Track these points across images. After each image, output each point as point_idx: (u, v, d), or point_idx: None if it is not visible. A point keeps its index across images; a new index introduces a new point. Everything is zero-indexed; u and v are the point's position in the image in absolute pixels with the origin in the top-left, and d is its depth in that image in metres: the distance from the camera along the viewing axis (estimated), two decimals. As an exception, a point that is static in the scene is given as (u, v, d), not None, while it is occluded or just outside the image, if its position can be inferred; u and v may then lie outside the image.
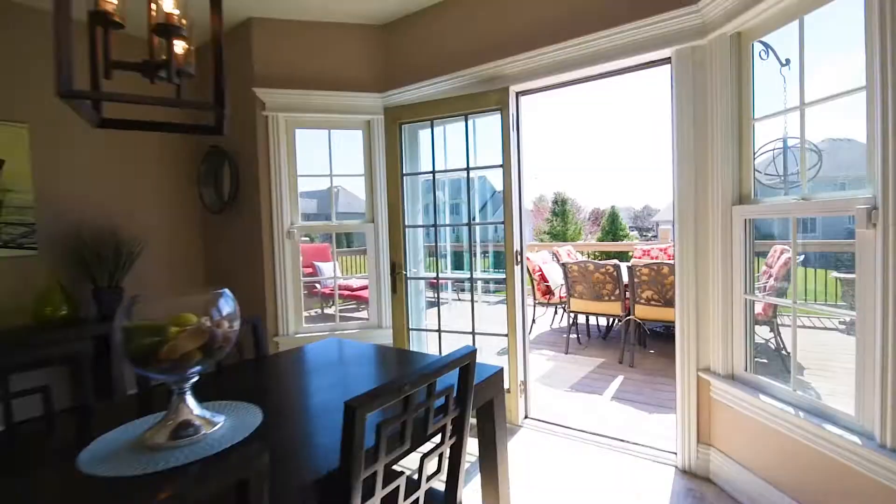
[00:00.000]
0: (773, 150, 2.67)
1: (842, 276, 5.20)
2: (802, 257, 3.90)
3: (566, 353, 5.13)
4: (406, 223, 3.52)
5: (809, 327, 5.32)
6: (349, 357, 2.32)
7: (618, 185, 79.25)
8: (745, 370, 2.47)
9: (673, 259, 6.65)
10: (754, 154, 2.43)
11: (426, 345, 3.76)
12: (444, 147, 3.58)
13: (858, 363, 1.87)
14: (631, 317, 4.72)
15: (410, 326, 3.55)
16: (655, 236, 31.98)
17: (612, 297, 4.82)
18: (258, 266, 3.84)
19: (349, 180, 4.00)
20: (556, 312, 6.60)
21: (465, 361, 1.53)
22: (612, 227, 25.40)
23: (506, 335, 3.24)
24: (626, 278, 4.73)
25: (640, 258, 6.81)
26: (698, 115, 2.59)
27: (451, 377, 1.46)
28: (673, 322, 4.68)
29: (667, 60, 2.72)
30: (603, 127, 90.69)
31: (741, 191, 2.47)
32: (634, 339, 4.80)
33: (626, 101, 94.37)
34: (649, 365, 4.65)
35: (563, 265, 5.12)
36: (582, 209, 35.88)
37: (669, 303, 4.43)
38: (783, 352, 4.02)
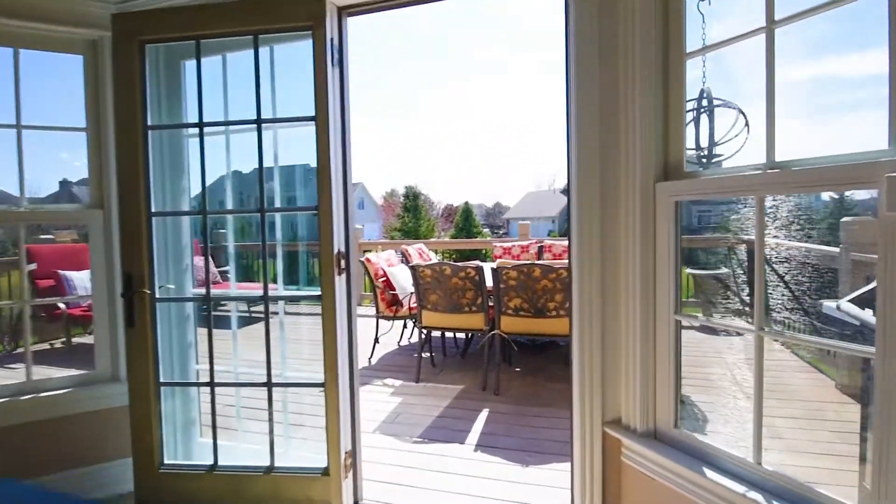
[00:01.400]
0: (693, 110, 2.01)
1: (696, 272, 5.12)
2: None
3: (417, 381, 4.23)
4: (153, 208, 2.25)
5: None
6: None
7: (469, 181, 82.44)
8: (675, 425, 1.76)
9: (540, 259, 6.16)
10: (686, 107, 1.72)
11: (197, 401, 2.52)
12: (224, 88, 2.40)
13: (881, 430, 1.19)
14: (496, 331, 3.98)
15: (162, 379, 2.27)
16: (507, 233, 33.32)
17: (474, 308, 4.04)
18: None
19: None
20: (405, 326, 5.68)
21: None
22: (465, 223, 25.49)
23: (322, 385, 2.18)
24: (489, 283, 3.98)
25: (501, 258, 6.22)
26: (606, 48, 1.82)
27: None
28: (546, 335, 4.16)
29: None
30: (455, 98, 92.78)
31: (668, 160, 1.75)
32: (499, 357, 4.08)
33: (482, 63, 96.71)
34: (517, 389, 3.96)
35: (414, 268, 4.21)
36: (435, 205, 35.97)
37: (541, 312, 3.78)
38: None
